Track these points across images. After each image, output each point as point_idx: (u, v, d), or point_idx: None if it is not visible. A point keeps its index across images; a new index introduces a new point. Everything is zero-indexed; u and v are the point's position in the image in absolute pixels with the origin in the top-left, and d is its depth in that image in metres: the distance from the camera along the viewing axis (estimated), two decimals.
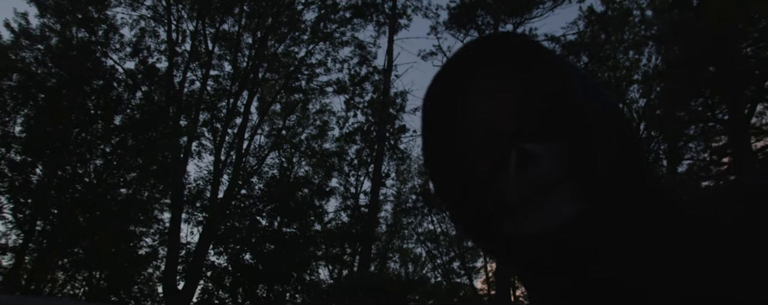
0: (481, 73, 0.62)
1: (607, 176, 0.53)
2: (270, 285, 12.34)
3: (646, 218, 0.54)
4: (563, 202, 0.53)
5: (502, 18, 18.55)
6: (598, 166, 0.54)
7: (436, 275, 19.74)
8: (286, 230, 13.26)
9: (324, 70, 16.86)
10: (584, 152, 0.54)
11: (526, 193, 0.54)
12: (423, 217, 17.58)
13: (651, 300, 0.50)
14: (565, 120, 0.58)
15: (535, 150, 0.55)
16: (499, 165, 0.58)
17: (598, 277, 0.53)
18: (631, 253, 0.52)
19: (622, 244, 0.52)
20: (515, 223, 0.57)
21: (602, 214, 0.52)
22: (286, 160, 16.10)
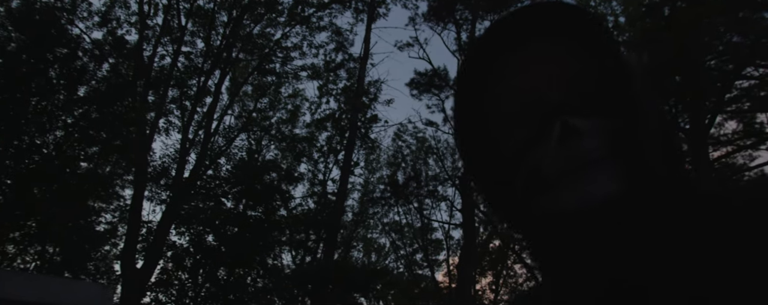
0: (532, 39, 0.59)
1: (652, 159, 0.53)
2: (232, 268, 12.20)
3: (685, 207, 0.54)
4: (605, 181, 0.51)
5: (480, 14, 18.70)
6: (645, 148, 0.53)
7: (398, 266, 19.94)
8: (251, 213, 13.11)
9: (299, 54, 16.65)
10: (631, 133, 0.54)
11: (566, 168, 0.53)
12: (389, 208, 17.68)
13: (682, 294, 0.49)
14: (614, 98, 0.56)
15: (581, 125, 0.53)
16: (538, 137, 0.56)
17: (630, 261, 0.52)
18: (666, 242, 0.51)
19: (660, 230, 0.52)
20: (549, 198, 0.55)
21: (644, 197, 0.51)
22: (255, 143, 15.88)
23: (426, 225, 18.23)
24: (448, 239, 19.18)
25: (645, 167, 0.52)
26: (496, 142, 0.61)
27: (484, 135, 0.63)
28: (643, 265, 0.51)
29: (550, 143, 0.53)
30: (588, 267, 0.55)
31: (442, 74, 17.73)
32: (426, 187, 17.16)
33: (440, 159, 17.81)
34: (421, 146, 18.90)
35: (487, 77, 0.61)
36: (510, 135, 0.59)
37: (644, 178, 0.51)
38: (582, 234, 0.53)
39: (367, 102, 17.41)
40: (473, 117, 0.63)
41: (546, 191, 0.55)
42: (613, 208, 0.51)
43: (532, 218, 0.58)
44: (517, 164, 0.57)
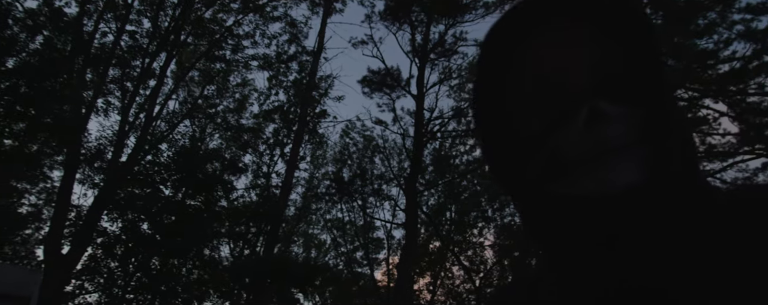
0: (563, 18, 0.58)
1: (675, 152, 0.53)
2: (166, 258, 11.73)
3: (702, 204, 0.54)
4: (628, 169, 0.51)
5: (435, 18, 18.92)
6: (670, 140, 0.53)
7: (338, 263, 19.87)
8: (191, 202, 12.67)
9: (251, 43, 16.26)
10: (657, 123, 0.54)
11: (589, 153, 0.52)
12: (333, 204, 17.58)
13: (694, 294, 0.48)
14: (643, 85, 0.56)
15: (609, 110, 0.52)
16: (563, 119, 0.55)
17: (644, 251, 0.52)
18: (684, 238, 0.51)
19: (678, 225, 0.52)
20: (567, 182, 0.54)
21: (665, 190, 0.51)
22: (199, 130, 15.37)
23: (368, 223, 18.28)
24: (390, 238, 19.31)
25: (668, 159, 0.52)
26: (515, 121, 0.60)
27: (503, 114, 0.62)
28: (660, 261, 0.51)
29: (575, 127, 0.53)
30: (601, 256, 0.54)
31: (395, 74, 17.82)
32: (371, 185, 17.19)
33: (387, 159, 17.91)
34: (368, 144, 18.93)
35: (512, 54, 0.60)
36: (532, 115, 0.58)
37: (667, 170, 0.52)
38: (598, 221, 0.53)
39: (317, 97, 17.25)
40: (494, 93, 0.62)
41: (564, 174, 0.54)
42: (633, 197, 0.50)
43: (546, 200, 0.58)
44: (537, 145, 0.57)
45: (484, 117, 0.64)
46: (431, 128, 17.61)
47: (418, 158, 16.32)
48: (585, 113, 0.52)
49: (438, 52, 18.43)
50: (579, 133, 0.53)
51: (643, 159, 0.51)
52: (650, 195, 0.51)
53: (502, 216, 19.43)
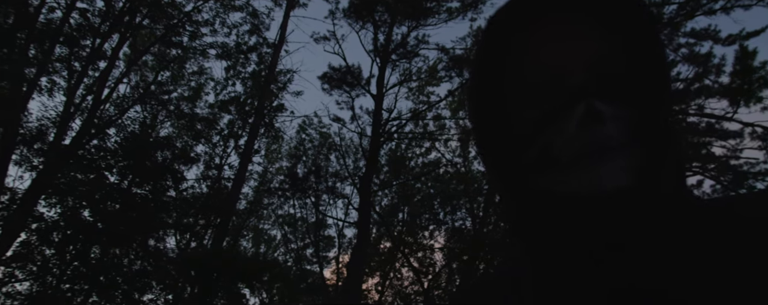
0: (567, 11, 0.56)
1: (667, 157, 0.53)
2: (107, 247, 11.21)
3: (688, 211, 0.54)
4: (618, 172, 0.50)
5: (398, 19, 19.00)
6: (663, 144, 0.53)
7: (287, 259, 19.58)
8: (138, 191, 12.16)
9: (210, 31, 15.81)
10: (653, 127, 0.53)
11: (581, 151, 0.52)
12: (285, 200, 17.32)
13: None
14: (643, 87, 0.55)
15: (605, 110, 0.51)
16: (558, 115, 0.54)
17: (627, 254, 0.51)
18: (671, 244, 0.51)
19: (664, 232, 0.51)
20: (556, 178, 0.54)
21: (653, 195, 0.51)
22: (151, 117, 14.81)
23: (321, 221, 18.12)
24: (341, 237, 19.22)
25: (658, 164, 0.52)
26: (509, 111, 0.59)
27: (498, 102, 0.60)
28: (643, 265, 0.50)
29: (570, 123, 0.52)
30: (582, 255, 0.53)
31: (356, 72, 17.77)
32: (325, 183, 17.05)
33: (342, 157, 17.81)
34: (324, 141, 18.77)
35: (512, 42, 0.58)
36: (526, 107, 0.57)
37: (655, 176, 0.51)
38: (582, 220, 0.52)
39: (275, 90, 16.96)
40: (490, 81, 0.61)
41: (554, 170, 0.54)
42: (619, 200, 0.50)
43: (532, 195, 0.57)
44: (529, 138, 0.56)
45: (478, 104, 0.62)
46: (389, 129, 17.65)
47: (374, 158, 16.31)
48: (580, 110, 0.52)
49: (399, 54, 18.51)
50: (572, 130, 0.52)
51: (633, 162, 0.51)
52: (637, 200, 0.50)
53: (453, 220, 19.71)
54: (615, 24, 0.56)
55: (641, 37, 0.56)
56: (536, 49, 0.57)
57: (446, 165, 19.47)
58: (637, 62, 0.56)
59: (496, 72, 0.60)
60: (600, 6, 0.56)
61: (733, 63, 12.28)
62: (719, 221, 0.52)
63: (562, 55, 0.55)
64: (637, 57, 0.56)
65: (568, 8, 0.56)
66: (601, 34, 0.56)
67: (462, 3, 18.15)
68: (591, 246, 0.52)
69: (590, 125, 0.51)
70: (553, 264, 0.57)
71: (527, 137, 0.56)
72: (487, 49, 0.59)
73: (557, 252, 0.56)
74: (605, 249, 0.52)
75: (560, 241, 0.55)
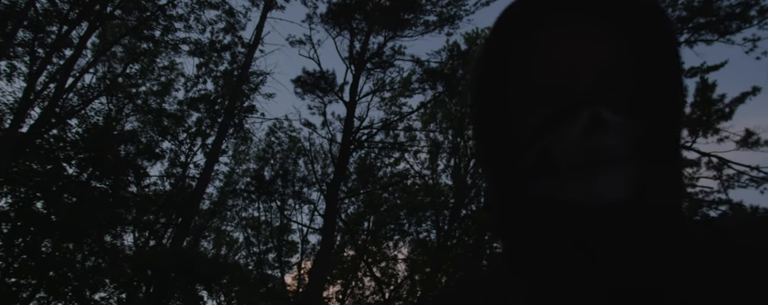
0: (584, 14, 0.54)
1: (666, 174, 0.52)
2: (60, 242, 10.74)
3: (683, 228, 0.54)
4: (617, 184, 0.49)
5: (375, 28, 19.08)
6: (666, 160, 0.52)
7: (248, 262, 19.20)
8: (97, 184, 11.74)
9: (184, 26, 15.51)
10: (657, 141, 0.52)
11: (581, 159, 0.50)
12: (250, 202, 17.02)
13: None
14: (653, 100, 0.54)
15: (610, 119, 0.49)
16: (561, 120, 0.52)
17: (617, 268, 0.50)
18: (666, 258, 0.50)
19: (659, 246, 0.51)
20: (552, 185, 0.52)
21: (649, 211, 0.50)
22: (116, 109, 14.37)
23: (285, 226, 17.86)
24: (305, 243, 18.98)
25: (658, 181, 0.51)
26: (511, 111, 0.57)
27: (500, 101, 0.58)
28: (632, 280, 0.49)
29: (572, 130, 0.50)
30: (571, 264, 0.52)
31: (330, 78, 17.72)
32: (292, 187, 16.85)
33: (311, 162, 17.66)
34: (294, 145, 18.59)
35: (522, 40, 0.56)
36: (529, 110, 0.55)
37: (654, 193, 0.50)
38: (574, 230, 0.51)
39: (247, 91, 16.73)
40: (495, 78, 0.58)
41: (551, 176, 0.52)
42: (614, 213, 0.49)
43: (526, 199, 0.55)
44: (528, 142, 0.54)
45: (480, 101, 0.60)
46: (359, 137, 17.61)
47: (343, 165, 16.22)
48: (585, 117, 0.50)
49: (375, 63, 18.54)
50: (574, 137, 0.50)
51: (633, 177, 0.49)
52: (633, 214, 0.49)
53: (418, 232, 19.73)
54: (633, 33, 0.54)
55: (659, 50, 0.54)
56: (546, 49, 0.55)
57: (414, 177, 19.56)
58: (651, 75, 0.54)
59: (501, 68, 0.58)
60: (620, 12, 0.54)
61: (694, 94, 12.80)
62: (713, 241, 0.52)
63: (573, 58, 0.53)
64: (651, 69, 0.54)
65: (586, 10, 0.54)
66: (616, 41, 0.54)
67: (439, 17, 18.35)
68: (582, 255, 0.51)
69: (593, 134, 0.49)
70: (542, 269, 0.55)
71: (526, 141, 0.55)
72: (495, 44, 0.56)
73: (547, 257, 0.55)
74: (597, 259, 0.50)
75: (551, 247, 0.54)
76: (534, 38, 0.55)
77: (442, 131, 19.44)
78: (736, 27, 11.84)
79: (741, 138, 12.76)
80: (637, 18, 0.53)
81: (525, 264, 0.58)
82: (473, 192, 18.37)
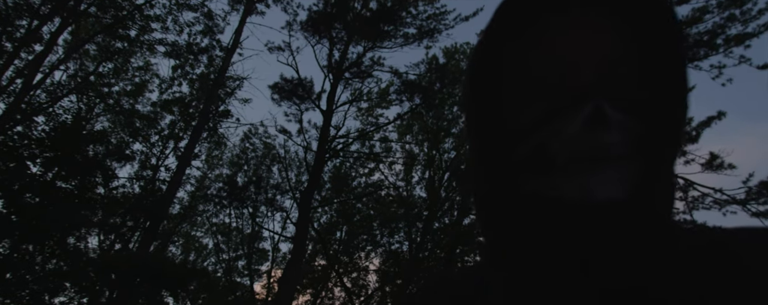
0: (588, 7, 0.53)
1: (663, 176, 0.51)
2: (20, 243, 10.32)
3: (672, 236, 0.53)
4: (614, 182, 0.47)
5: (355, 38, 19.13)
6: (664, 162, 0.51)
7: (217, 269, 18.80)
8: (62, 185, 11.36)
9: (161, 27, 15.27)
10: (657, 141, 0.51)
11: (580, 155, 0.48)
12: (222, 208, 16.73)
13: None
14: (655, 100, 0.52)
15: (612, 115, 0.48)
16: (557, 113, 0.50)
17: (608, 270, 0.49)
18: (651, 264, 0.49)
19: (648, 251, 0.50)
20: (547, 182, 0.51)
21: (644, 213, 0.50)
22: (86, 108, 14.00)
23: (256, 233, 17.58)
24: (276, 251, 18.72)
25: (654, 183, 0.50)
26: (508, 104, 0.55)
27: (497, 93, 0.56)
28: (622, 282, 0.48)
29: (573, 123, 0.49)
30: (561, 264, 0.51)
31: (307, 86, 17.65)
32: (265, 194, 16.64)
33: (285, 169, 17.49)
34: (268, 152, 18.40)
35: (521, 33, 0.54)
36: (527, 102, 0.53)
37: (650, 194, 0.49)
38: (567, 228, 0.50)
39: (223, 95, 16.52)
40: (492, 69, 0.56)
41: (546, 172, 0.51)
42: (610, 213, 0.48)
43: (518, 195, 0.54)
44: (525, 135, 0.52)
45: (475, 93, 0.58)
46: (335, 146, 17.53)
47: (318, 174, 16.11)
48: (587, 111, 0.48)
49: (353, 72, 18.56)
50: (575, 131, 0.48)
51: (632, 176, 0.48)
52: (628, 216, 0.48)
53: (390, 243, 19.68)
54: (640, 29, 0.53)
55: (664, 47, 0.53)
56: (548, 41, 0.53)
57: (389, 188, 19.56)
58: (655, 73, 0.53)
59: (499, 59, 0.56)
60: (625, 5, 0.52)
61: None
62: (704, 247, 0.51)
63: (577, 51, 0.51)
64: (655, 67, 0.53)
65: (590, 2, 0.53)
66: (620, 35, 0.52)
67: (419, 30, 18.51)
68: (573, 254, 0.50)
69: (594, 129, 0.47)
70: (529, 265, 0.54)
71: (522, 134, 0.53)
72: (494, 33, 0.54)
73: (536, 254, 0.53)
74: (589, 258, 0.49)
75: (540, 244, 0.52)
76: (535, 29, 0.53)
77: (417, 143, 19.53)
78: (703, 54, 12.27)
79: (706, 161, 13.15)
80: (643, 12, 0.52)
81: (510, 261, 0.56)
82: (447, 205, 18.44)
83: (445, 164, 18.92)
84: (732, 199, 12.67)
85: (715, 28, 11.93)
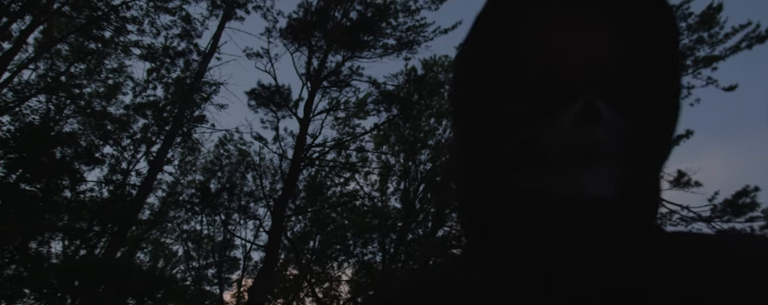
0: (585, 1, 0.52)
1: (651, 178, 0.51)
2: None
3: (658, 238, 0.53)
4: (604, 179, 0.46)
5: (334, 47, 19.11)
6: (655, 162, 0.51)
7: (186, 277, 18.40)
8: (27, 187, 10.99)
9: (137, 29, 15.01)
10: (647, 143, 0.50)
11: (570, 151, 0.47)
12: (193, 214, 16.41)
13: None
14: (651, 100, 0.52)
15: (606, 112, 0.47)
16: (549, 107, 0.49)
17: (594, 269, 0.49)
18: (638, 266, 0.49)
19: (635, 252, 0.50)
20: (534, 177, 0.49)
21: (633, 213, 0.49)
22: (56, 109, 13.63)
23: (228, 241, 17.29)
24: (247, 259, 18.42)
25: (643, 184, 0.49)
26: (497, 95, 0.54)
27: (485, 84, 0.55)
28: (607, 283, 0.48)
29: (565, 118, 0.48)
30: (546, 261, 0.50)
31: (285, 93, 17.55)
32: (238, 201, 16.40)
33: (260, 177, 17.30)
34: (243, 159, 18.17)
35: (515, 24, 0.53)
36: (518, 95, 0.52)
37: (639, 195, 0.49)
38: (553, 225, 0.49)
39: (198, 100, 16.30)
40: (482, 59, 0.55)
41: (534, 167, 0.50)
42: (599, 211, 0.47)
43: (503, 190, 0.53)
44: (514, 128, 0.51)
45: (463, 84, 0.57)
46: (311, 154, 17.42)
47: (292, 182, 15.97)
48: (580, 106, 0.47)
49: (331, 81, 18.53)
50: (567, 125, 0.48)
51: (623, 175, 0.47)
52: (617, 214, 0.48)
53: (363, 253, 19.57)
54: (636, 26, 0.52)
55: (661, 47, 0.52)
56: (542, 33, 0.52)
57: (364, 198, 19.52)
58: (651, 73, 0.52)
59: (491, 47, 0.54)
60: (625, 5, 0.51)
61: None
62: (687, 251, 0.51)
63: (571, 45, 0.50)
64: (651, 67, 0.52)
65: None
66: (618, 35, 0.51)
67: (398, 41, 18.61)
68: (561, 251, 0.49)
69: (587, 125, 0.47)
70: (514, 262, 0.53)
71: (511, 127, 0.51)
72: (486, 24, 0.53)
73: (523, 253, 0.52)
74: (575, 256, 0.49)
75: (527, 242, 0.51)
76: (529, 20, 0.52)
77: (394, 154, 19.56)
78: None
79: (674, 178, 13.47)
80: (642, 11, 0.51)
81: (496, 258, 0.55)
82: (421, 217, 18.46)
83: (421, 175, 18.96)
84: (698, 216, 12.99)
85: (685, 49, 12.32)
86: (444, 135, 19.36)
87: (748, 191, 13.63)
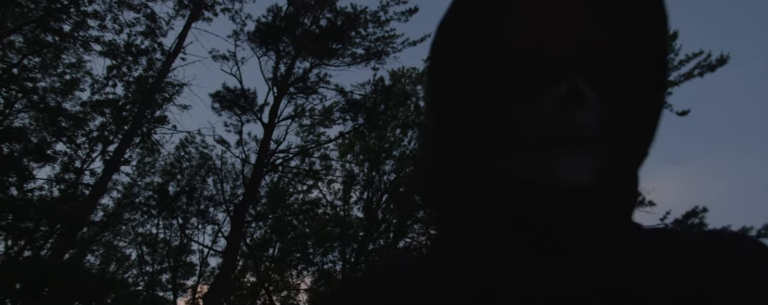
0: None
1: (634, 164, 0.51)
2: None
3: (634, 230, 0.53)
4: (583, 165, 0.45)
5: (302, 53, 18.99)
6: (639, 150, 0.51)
7: (139, 282, 17.76)
8: None
9: (98, 25, 14.55)
10: (631, 129, 0.49)
11: (551, 134, 0.45)
12: (149, 217, 15.91)
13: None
14: (634, 86, 0.51)
15: (589, 96, 0.45)
16: (529, 89, 0.48)
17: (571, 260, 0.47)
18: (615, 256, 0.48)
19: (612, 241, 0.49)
20: (512, 161, 0.48)
21: (611, 201, 0.48)
22: (5, 103, 13.03)
23: (185, 245, 16.82)
24: (204, 265, 17.96)
25: (623, 171, 0.48)
26: (474, 80, 0.52)
27: (462, 66, 0.53)
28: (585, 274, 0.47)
29: (547, 101, 0.46)
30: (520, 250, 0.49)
31: (250, 97, 17.32)
32: (197, 205, 16.01)
33: (221, 181, 16.95)
34: (204, 162, 17.79)
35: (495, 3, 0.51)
36: (497, 77, 0.50)
37: (618, 182, 0.48)
38: (529, 211, 0.48)
39: (160, 100, 15.89)
40: (459, 41, 0.53)
41: (512, 151, 0.48)
42: (577, 198, 0.45)
43: (479, 175, 0.51)
44: (492, 110, 0.50)
45: (440, 64, 0.54)
46: (274, 160, 17.19)
47: (254, 188, 15.71)
48: (563, 88, 0.45)
49: (298, 87, 18.39)
50: (548, 109, 0.46)
51: (603, 162, 0.46)
52: (595, 203, 0.46)
53: (324, 262, 19.37)
54: (623, 10, 0.51)
55: (646, 33, 0.51)
56: (523, 13, 0.50)
57: (326, 206, 19.39)
58: (634, 58, 0.51)
59: (469, 29, 0.52)
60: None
61: None
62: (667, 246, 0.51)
63: (553, 26, 0.49)
64: (635, 52, 0.51)
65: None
66: (601, 15, 0.50)
67: (367, 51, 18.67)
68: (536, 239, 0.47)
69: (569, 108, 0.45)
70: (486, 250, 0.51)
71: (489, 109, 0.50)
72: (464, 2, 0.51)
73: (493, 238, 0.50)
74: (549, 245, 0.47)
75: (498, 228, 0.50)
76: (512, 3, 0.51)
77: (358, 164, 19.53)
78: None
79: None
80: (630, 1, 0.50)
81: (465, 244, 0.53)
82: (383, 227, 18.44)
83: (385, 185, 18.97)
84: None
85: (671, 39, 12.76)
86: (409, 146, 19.45)
87: (697, 212, 14.19)
